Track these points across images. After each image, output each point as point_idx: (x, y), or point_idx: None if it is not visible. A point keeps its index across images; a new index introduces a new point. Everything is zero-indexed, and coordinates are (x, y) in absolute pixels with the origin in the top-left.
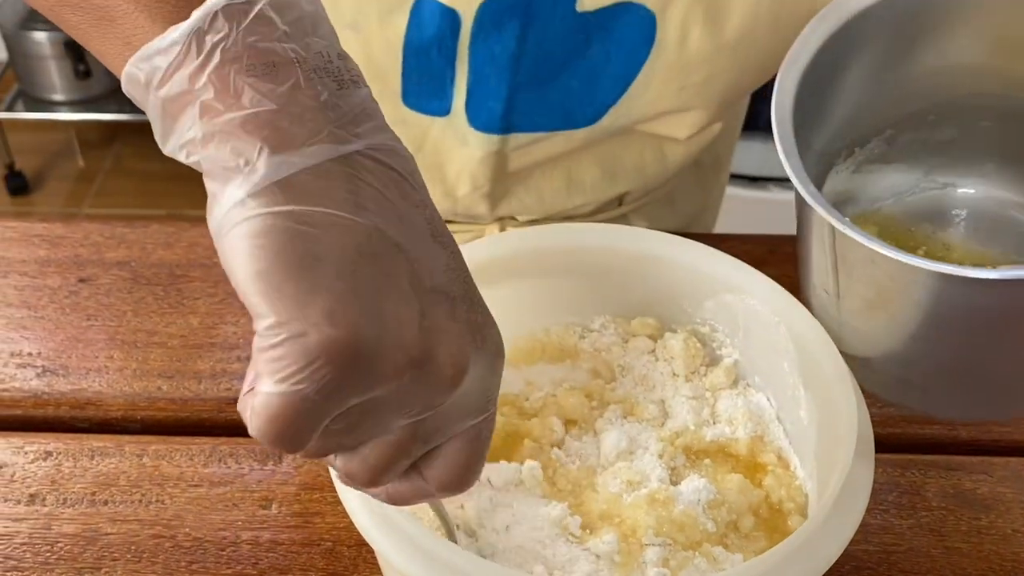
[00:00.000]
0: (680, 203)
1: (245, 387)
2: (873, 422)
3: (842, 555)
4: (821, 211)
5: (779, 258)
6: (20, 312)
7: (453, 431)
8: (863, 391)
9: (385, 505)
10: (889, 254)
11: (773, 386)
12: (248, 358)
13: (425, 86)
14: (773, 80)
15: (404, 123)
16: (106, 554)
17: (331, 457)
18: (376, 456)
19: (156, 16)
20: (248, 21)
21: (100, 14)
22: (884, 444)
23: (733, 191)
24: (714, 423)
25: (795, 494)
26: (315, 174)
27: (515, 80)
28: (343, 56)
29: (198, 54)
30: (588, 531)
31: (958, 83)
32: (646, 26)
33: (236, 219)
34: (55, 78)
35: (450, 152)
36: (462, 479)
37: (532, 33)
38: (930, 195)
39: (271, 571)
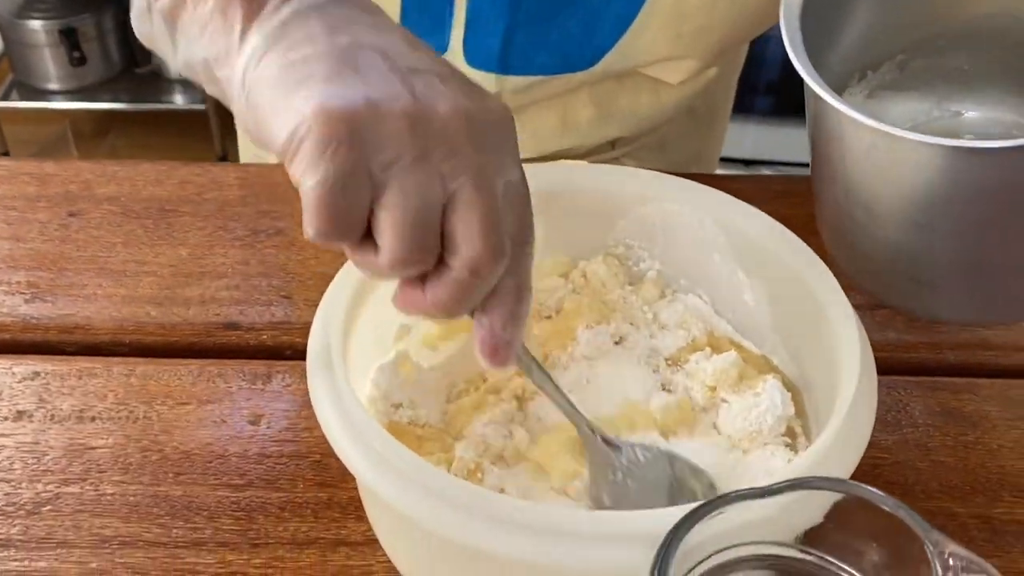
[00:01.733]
0: (672, 150)
1: None
2: None
3: None
4: (819, 90)
5: (771, 195)
6: (8, 244)
7: (496, 187)
8: (870, 295)
9: (362, 427)
10: (885, 129)
11: (703, 283)
12: (237, 287)
13: (424, 21)
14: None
15: None
16: (93, 466)
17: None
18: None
19: None
20: None
21: None
22: None
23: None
24: (662, 330)
25: (760, 363)
26: (294, 23)
27: (514, 18)
28: None
29: None
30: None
31: (966, 7)
32: None
33: (249, 82)
34: (50, 66)
35: None
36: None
37: None
38: (943, 123)
39: (259, 482)
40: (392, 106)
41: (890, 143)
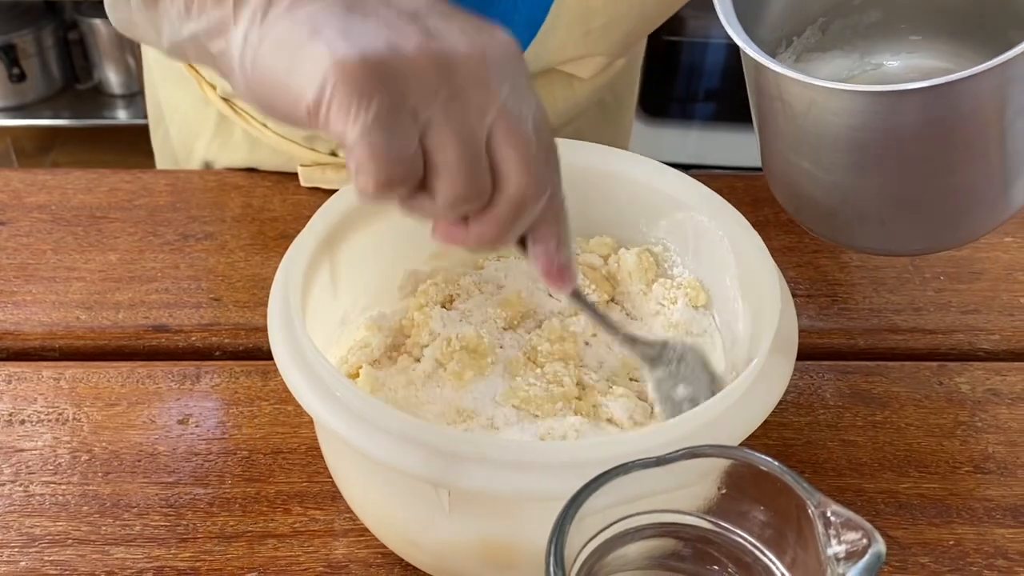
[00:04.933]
0: (587, 140)
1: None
2: None
3: None
4: (758, 56)
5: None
6: None
7: (526, 117)
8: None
9: (322, 371)
10: (820, 83)
11: (717, 303)
12: (167, 290)
13: None
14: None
15: None
16: (23, 468)
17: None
18: (517, 175)
19: None
20: None
21: None
22: None
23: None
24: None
25: None
26: None
27: None
28: None
29: None
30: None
31: None
32: None
33: (252, 48)
34: None
35: None
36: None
37: None
38: (868, 76)
39: (187, 479)
40: (412, 45)
41: (827, 96)
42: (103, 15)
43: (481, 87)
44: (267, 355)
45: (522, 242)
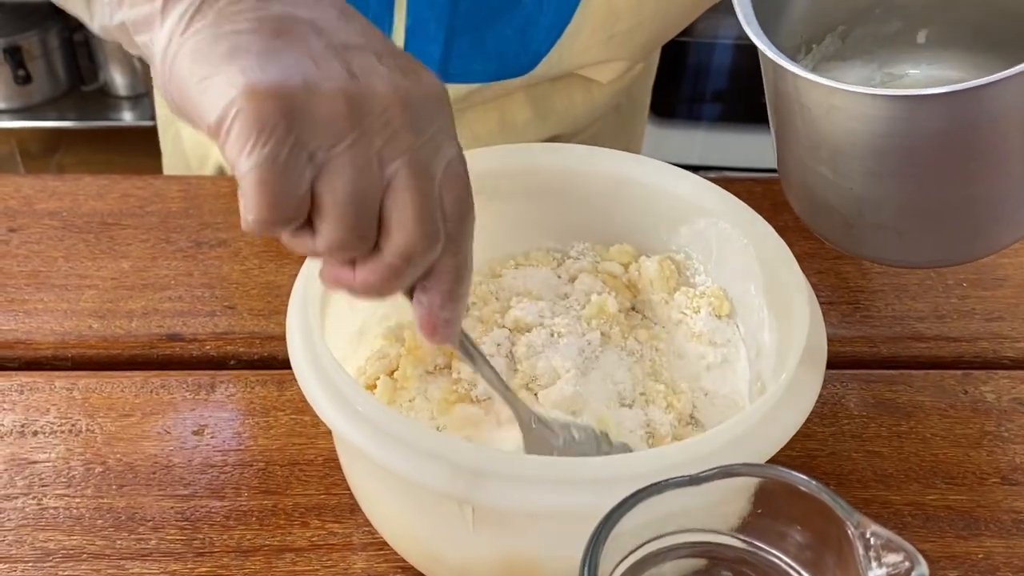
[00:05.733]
0: (604, 145)
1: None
2: None
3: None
4: (777, 58)
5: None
6: None
7: (433, 169)
8: (842, 250)
9: (342, 384)
10: (841, 87)
11: (741, 312)
12: (180, 298)
13: None
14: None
15: None
16: (36, 480)
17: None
18: (407, 224)
19: None
20: None
21: None
22: None
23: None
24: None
25: None
26: None
27: (452, 24)
28: None
29: None
30: None
31: None
32: None
33: (172, 52)
34: None
35: None
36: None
37: None
38: (888, 86)
39: (203, 491)
40: (329, 86)
41: (847, 100)
42: None
43: (390, 135)
44: (283, 364)
45: (411, 287)
